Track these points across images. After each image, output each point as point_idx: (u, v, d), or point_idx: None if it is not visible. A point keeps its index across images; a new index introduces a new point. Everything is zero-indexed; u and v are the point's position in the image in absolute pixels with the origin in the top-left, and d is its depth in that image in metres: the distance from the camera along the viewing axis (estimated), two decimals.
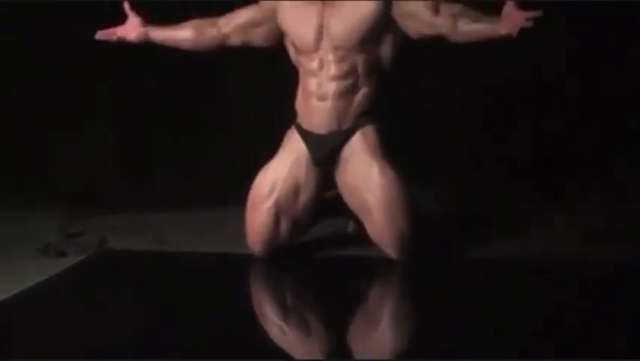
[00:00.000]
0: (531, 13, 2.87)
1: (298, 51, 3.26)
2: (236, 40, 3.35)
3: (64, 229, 3.56)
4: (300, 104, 3.29)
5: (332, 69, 3.18)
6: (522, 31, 2.87)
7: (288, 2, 3.25)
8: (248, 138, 4.03)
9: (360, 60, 3.18)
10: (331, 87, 3.19)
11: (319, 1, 3.20)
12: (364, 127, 3.20)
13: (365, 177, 3.15)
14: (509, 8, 2.92)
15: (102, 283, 3.14)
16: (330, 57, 3.18)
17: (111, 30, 3.37)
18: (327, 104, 3.19)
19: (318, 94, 3.20)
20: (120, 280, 3.15)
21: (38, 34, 4.08)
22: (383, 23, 3.16)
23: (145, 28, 3.37)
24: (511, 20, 2.90)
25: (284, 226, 3.25)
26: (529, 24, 2.86)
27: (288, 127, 3.31)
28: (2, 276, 3.09)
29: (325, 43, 3.18)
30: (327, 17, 3.18)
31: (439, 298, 2.93)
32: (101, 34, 3.36)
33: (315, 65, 3.21)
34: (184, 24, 3.37)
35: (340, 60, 3.17)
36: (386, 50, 3.21)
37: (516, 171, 4.04)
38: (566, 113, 4.09)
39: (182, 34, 3.36)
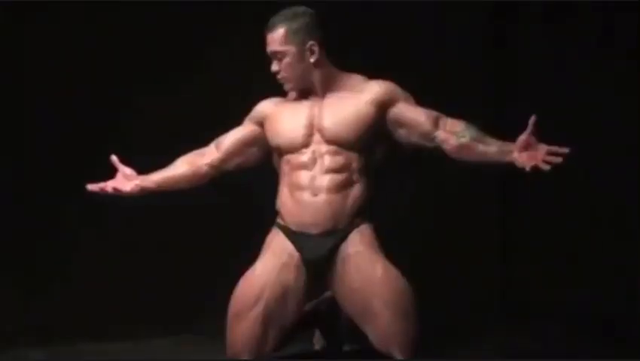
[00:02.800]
0: (558, 149, 2.69)
1: (285, 151, 3.09)
2: (231, 164, 3.18)
3: None
4: (286, 202, 3.08)
5: (326, 161, 3.03)
6: (548, 164, 2.66)
7: (274, 108, 3.14)
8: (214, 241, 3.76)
9: (354, 157, 3.04)
10: (325, 180, 3.03)
11: (308, 101, 3.10)
12: (360, 226, 3.05)
13: (368, 278, 2.97)
14: (528, 137, 2.76)
15: None
16: (324, 149, 3.04)
17: (102, 185, 3.07)
18: (321, 198, 3.02)
19: (311, 188, 3.02)
20: None
21: None
22: (374, 126, 3.04)
23: (139, 179, 3.11)
24: (530, 151, 2.74)
25: (271, 335, 3.02)
26: (557, 160, 2.69)
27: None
28: None
29: (317, 138, 3.05)
30: (317, 114, 3.07)
31: None
32: (93, 188, 3.07)
33: (306, 158, 3.05)
34: (173, 164, 3.17)
35: (334, 153, 3.03)
36: (378, 152, 3.10)
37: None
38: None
39: (177, 173, 3.16)
